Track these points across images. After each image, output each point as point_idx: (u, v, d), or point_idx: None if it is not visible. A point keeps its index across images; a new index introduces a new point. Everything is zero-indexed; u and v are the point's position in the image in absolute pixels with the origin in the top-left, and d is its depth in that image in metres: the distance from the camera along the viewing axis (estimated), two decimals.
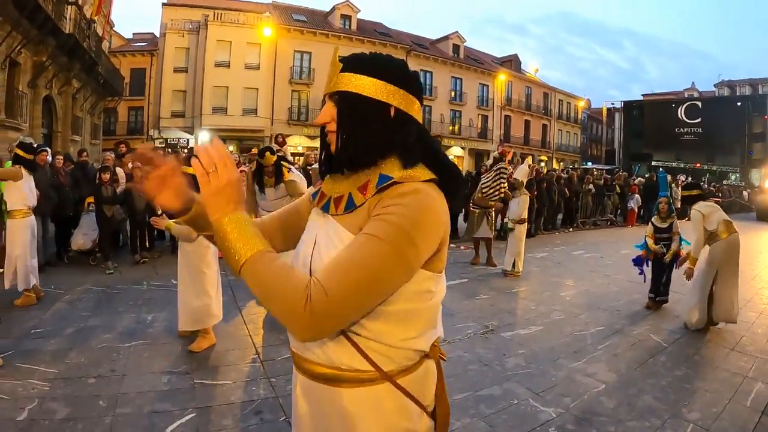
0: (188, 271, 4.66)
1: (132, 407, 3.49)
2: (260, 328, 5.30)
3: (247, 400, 3.58)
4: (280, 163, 5.90)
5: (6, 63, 14.12)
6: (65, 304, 6.11)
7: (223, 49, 32.13)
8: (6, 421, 3.32)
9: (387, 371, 1.16)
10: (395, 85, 1.17)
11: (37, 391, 3.77)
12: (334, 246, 1.14)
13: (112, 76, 25.82)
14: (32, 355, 4.42)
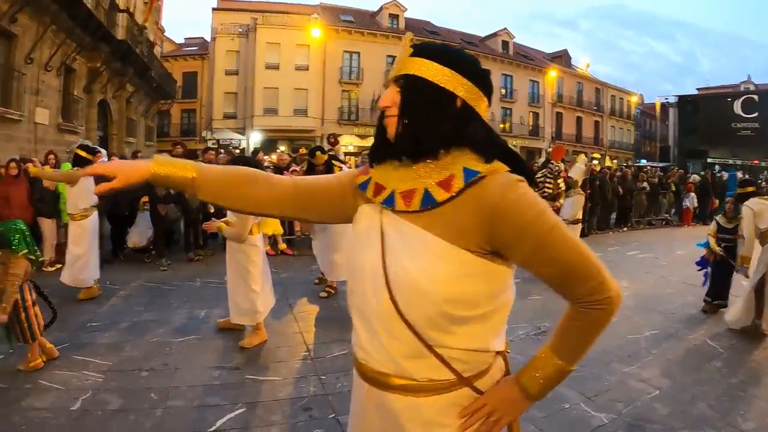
0: (235, 270, 4.79)
1: (183, 400, 3.60)
2: (311, 326, 5.37)
3: (296, 396, 3.63)
4: (331, 162, 6.01)
5: (62, 69, 14.94)
6: (120, 300, 6.37)
7: (273, 51, 33.15)
8: (60, 410, 3.47)
9: (467, 377, 1.16)
10: (465, 77, 1.15)
11: (91, 382, 3.93)
12: (420, 253, 1.10)
13: (164, 80, 27.03)
14: (87, 348, 4.62)
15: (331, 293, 6.43)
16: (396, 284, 1.11)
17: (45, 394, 3.71)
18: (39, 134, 13.59)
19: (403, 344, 1.14)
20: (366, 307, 1.19)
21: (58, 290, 5.65)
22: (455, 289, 1.08)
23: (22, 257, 3.96)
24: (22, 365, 4.07)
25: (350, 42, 34.94)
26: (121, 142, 20.32)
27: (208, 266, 8.23)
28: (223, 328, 5.18)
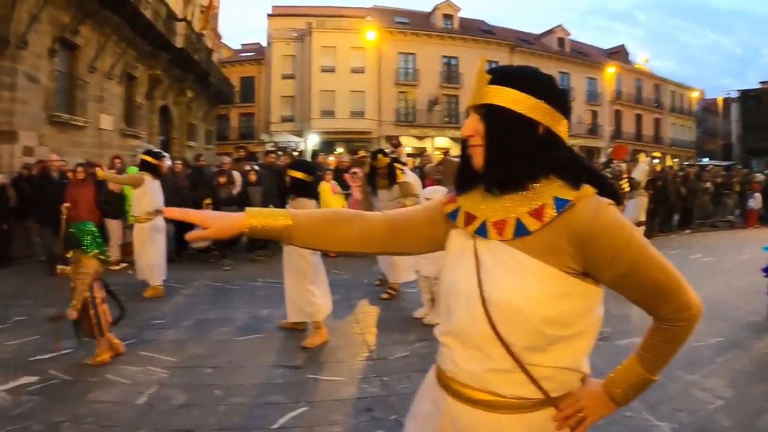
0: (291, 269, 4.87)
1: (246, 397, 3.66)
2: (372, 327, 5.36)
3: (358, 396, 3.64)
4: (392, 165, 6.06)
5: (124, 77, 15.80)
6: (184, 298, 6.60)
7: (328, 54, 34.00)
8: (126, 403, 3.60)
9: (554, 397, 1.18)
10: (545, 102, 1.15)
11: (157, 377, 4.06)
12: (514, 273, 1.13)
13: (223, 85, 28.16)
14: (152, 344, 4.79)
15: (393, 295, 6.41)
16: (493, 305, 1.14)
17: (111, 388, 3.86)
18: (103, 139, 14.41)
19: (496, 362, 1.16)
20: (460, 325, 1.21)
21: (125, 288, 5.88)
22: (552, 309, 1.11)
23: (93, 257, 4.18)
24: (89, 359, 4.25)
25: (405, 43, 35.41)
26: (182, 146, 21.31)
27: (270, 267, 8.37)
28: (285, 328, 5.25)
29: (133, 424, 3.30)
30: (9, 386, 3.86)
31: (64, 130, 12.38)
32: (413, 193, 5.90)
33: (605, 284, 1.17)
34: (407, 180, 6.09)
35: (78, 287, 4.09)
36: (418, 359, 4.30)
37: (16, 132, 10.44)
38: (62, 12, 11.89)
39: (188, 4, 23.05)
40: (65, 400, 3.64)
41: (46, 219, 8.02)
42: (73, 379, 3.99)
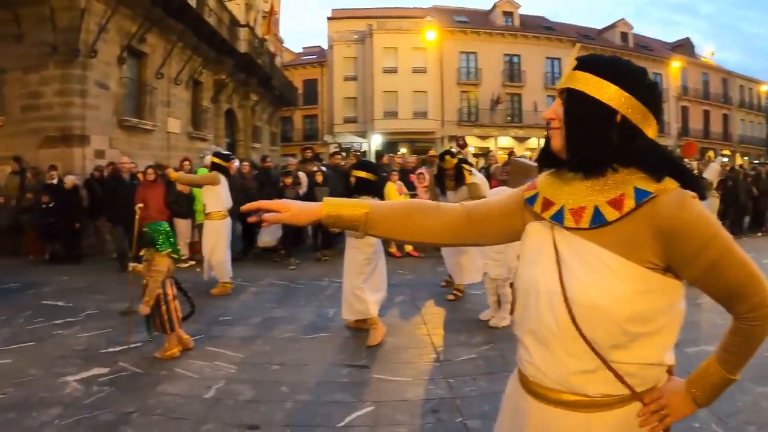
0: (349, 265, 4.93)
1: (312, 395, 3.72)
2: (439, 328, 5.32)
3: (424, 398, 3.64)
4: (460, 166, 6.09)
5: (190, 82, 16.57)
6: (251, 296, 6.77)
7: (390, 55, 34.37)
8: (194, 397, 3.71)
9: (639, 392, 1.19)
10: (628, 92, 1.16)
11: (224, 372, 4.17)
12: (597, 270, 1.14)
13: (286, 88, 28.98)
14: (220, 340, 4.93)
15: (459, 296, 6.37)
16: (575, 303, 1.15)
17: (180, 381, 3.99)
18: (171, 142, 15.12)
19: (580, 361, 1.16)
20: (540, 324, 1.22)
21: (193, 286, 6.03)
22: (635, 306, 1.11)
23: (166, 256, 4.37)
24: (158, 353, 4.44)
25: (466, 42, 35.32)
26: (247, 148, 22.08)
27: (335, 266, 8.39)
28: (350, 327, 5.28)
29: (201, 418, 3.39)
30: (81, 376, 4.06)
31: (133, 133, 13.06)
32: (481, 195, 5.86)
33: (687, 280, 1.16)
34: (475, 181, 6.09)
35: (151, 284, 4.27)
36: (484, 362, 4.25)
37: (87, 136, 11.09)
38: (129, 21, 12.56)
39: (250, 10, 23.91)
40: (135, 392, 3.79)
41: (118, 218, 8.43)
42: (143, 372, 4.17)
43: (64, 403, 3.60)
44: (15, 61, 10.97)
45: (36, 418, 3.37)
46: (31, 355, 4.56)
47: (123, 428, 3.23)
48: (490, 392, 3.60)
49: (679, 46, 44.95)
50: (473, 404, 3.48)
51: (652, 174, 1.15)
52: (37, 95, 10.90)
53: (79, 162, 10.77)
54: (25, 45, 10.87)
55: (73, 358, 4.49)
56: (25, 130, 10.93)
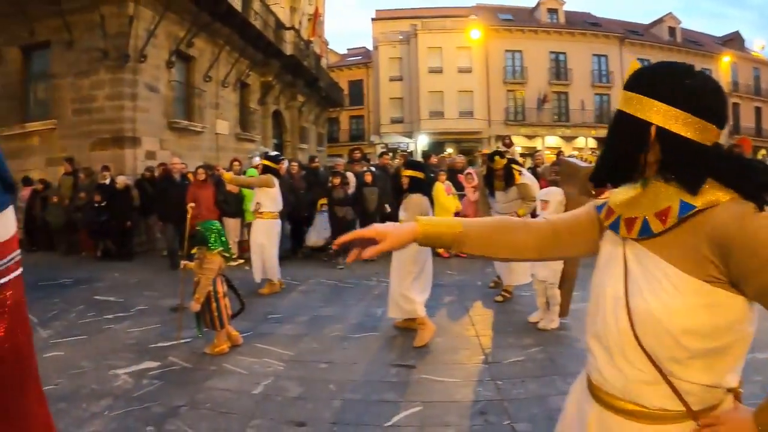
0: (398, 266, 4.93)
1: (360, 394, 3.75)
2: (487, 330, 5.27)
3: (472, 399, 3.62)
4: (510, 166, 6.08)
5: (237, 85, 17.02)
6: (300, 294, 6.84)
7: (435, 55, 34.44)
8: (242, 392, 3.78)
9: (696, 410, 1.16)
10: (667, 103, 1.15)
11: (272, 369, 4.22)
12: (657, 280, 1.15)
13: (332, 89, 29.42)
14: (269, 338, 5.00)
15: (507, 297, 6.30)
16: (635, 311, 1.16)
17: (229, 377, 4.06)
18: (220, 143, 15.59)
19: (639, 371, 1.18)
20: (605, 331, 1.24)
21: (242, 283, 6.11)
22: (693, 320, 1.10)
23: (217, 254, 4.50)
24: (208, 349, 4.54)
25: (511, 41, 34.98)
26: (294, 149, 22.56)
27: (383, 266, 8.34)
28: (399, 327, 5.27)
29: (249, 413, 3.43)
30: (131, 369, 4.19)
31: (182, 135, 13.52)
32: (531, 195, 5.86)
33: (748, 296, 1.10)
34: (525, 182, 6.06)
35: (202, 282, 4.38)
36: (533, 365, 4.18)
37: (138, 138, 11.56)
38: (177, 26, 13.00)
39: (295, 12, 24.35)
40: (184, 386, 3.87)
41: (168, 217, 8.72)
42: (193, 367, 4.27)
43: (114, 394, 3.71)
44: (67, 67, 11.56)
45: (86, 409, 3.47)
46: (84, 348, 4.73)
47: (172, 421, 3.31)
48: (538, 395, 3.57)
49: (729, 40, 43.11)
50: (521, 407, 3.43)
51: (685, 187, 1.14)
52: (89, 99, 11.40)
53: (130, 163, 11.20)
54: (76, 51, 11.46)
55: (124, 351, 4.63)
56: (78, 132, 11.48)
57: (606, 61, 35.01)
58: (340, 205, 8.80)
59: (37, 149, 11.82)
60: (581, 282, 5.34)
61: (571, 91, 34.82)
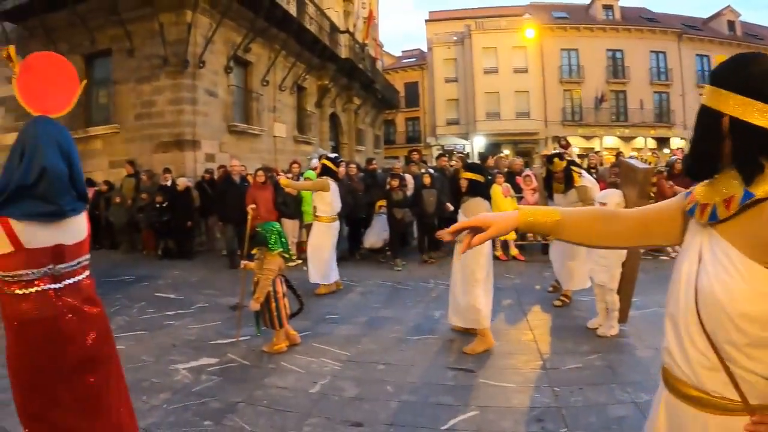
0: (461, 272, 4.84)
1: (417, 396, 3.74)
2: (545, 335, 5.16)
3: (529, 405, 3.59)
4: (570, 168, 6.01)
5: (294, 88, 17.36)
6: (358, 296, 6.86)
7: (490, 55, 34.25)
8: (299, 391, 3.83)
9: (752, 404, 1.17)
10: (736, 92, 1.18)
11: (330, 369, 4.25)
12: (721, 263, 1.18)
13: (387, 91, 29.66)
14: (327, 338, 5.04)
15: (566, 302, 6.15)
16: (701, 293, 1.21)
17: (286, 375, 4.11)
18: (278, 146, 15.95)
19: (701, 354, 1.21)
20: (676, 311, 1.29)
21: (300, 284, 6.14)
22: (751, 306, 1.12)
23: (277, 255, 4.60)
24: (266, 347, 4.63)
25: (566, 39, 34.23)
26: (351, 151, 22.85)
27: (441, 268, 8.38)
28: (457, 330, 5.19)
29: (306, 411, 3.46)
30: (190, 365, 4.31)
31: (241, 138, 13.88)
32: (590, 198, 5.73)
33: None
34: (585, 184, 5.95)
35: (262, 282, 4.47)
36: (591, 372, 4.06)
37: (198, 141, 11.95)
38: (234, 33, 13.37)
39: (349, 16, 24.65)
40: (242, 383, 3.94)
41: (228, 218, 8.92)
42: (251, 364, 4.36)
43: (173, 389, 3.82)
44: (128, 74, 12.10)
45: (146, 401, 3.59)
46: (144, 343, 4.89)
47: (229, 417, 3.37)
48: (596, 404, 3.48)
49: None
50: (579, 415, 3.34)
51: (741, 176, 1.19)
52: (150, 104, 11.87)
53: (190, 165, 11.57)
54: (137, 58, 11.97)
55: (184, 347, 4.76)
56: (140, 136, 11.98)
57: (664, 58, 33.69)
58: (399, 207, 8.80)
59: (100, 152, 12.38)
60: (642, 289, 5.20)
61: (629, 90, 33.71)
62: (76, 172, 2.16)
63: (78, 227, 2.20)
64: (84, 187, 2.23)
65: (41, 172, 2.00)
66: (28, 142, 2.05)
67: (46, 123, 2.14)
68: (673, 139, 32.69)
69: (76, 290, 2.18)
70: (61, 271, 2.11)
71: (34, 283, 2.04)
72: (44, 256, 2.05)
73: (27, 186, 1.98)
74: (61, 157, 2.11)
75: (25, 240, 2.00)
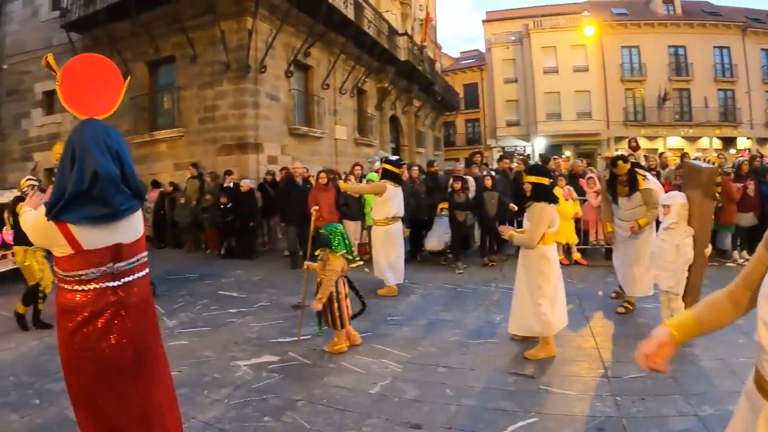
0: (525, 278, 4.74)
1: (477, 400, 3.70)
2: (608, 342, 5.00)
3: (590, 414, 3.49)
4: (634, 171, 5.84)
5: (354, 91, 17.59)
6: (419, 298, 6.80)
7: (549, 55, 33.79)
8: (359, 391, 3.84)
9: None
10: None
11: (390, 370, 4.23)
12: None
13: (447, 93, 29.63)
14: (387, 339, 5.03)
15: (630, 309, 5.94)
16: None
17: (346, 375, 4.12)
18: (339, 148, 16.20)
19: None
20: None
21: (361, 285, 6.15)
22: None
23: (341, 256, 4.66)
24: (327, 347, 4.67)
25: (627, 36, 33.28)
26: (412, 153, 22.97)
27: (502, 272, 8.29)
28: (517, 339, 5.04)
29: (365, 412, 3.46)
30: (252, 362, 4.40)
31: (303, 140, 14.19)
32: (654, 202, 5.52)
33: None
34: (649, 187, 5.73)
35: (325, 283, 4.53)
36: (654, 382, 3.85)
37: (261, 144, 12.31)
38: (293, 38, 13.70)
39: (406, 19, 24.75)
40: (302, 381, 3.99)
41: (291, 219, 9.07)
42: (311, 363, 4.41)
43: (235, 384, 3.90)
44: (191, 80, 12.62)
45: (207, 395, 3.69)
46: (207, 339, 5.03)
47: (289, 414, 3.41)
48: (658, 415, 3.35)
49: None
50: (640, 426, 3.21)
51: None
52: (213, 108, 12.30)
53: (253, 167, 11.90)
54: (200, 65, 12.47)
55: (246, 344, 4.87)
56: (203, 139, 12.46)
57: (728, 54, 32.06)
58: (461, 209, 8.72)
59: (165, 155, 12.91)
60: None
61: (693, 88, 32.24)
62: (128, 171, 2.19)
63: (134, 225, 2.24)
64: (138, 184, 2.27)
65: (93, 177, 2.03)
66: (78, 148, 2.08)
67: (93, 125, 2.17)
68: (739, 138, 31.17)
69: (134, 287, 2.23)
70: (121, 269, 2.16)
71: (94, 281, 2.09)
72: (103, 255, 2.11)
73: (82, 191, 2.02)
74: (111, 158, 2.13)
75: (84, 242, 2.06)
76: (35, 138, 15.21)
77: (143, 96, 13.17)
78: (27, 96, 15.29)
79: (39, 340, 5.13)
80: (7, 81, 15.66)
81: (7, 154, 15.79)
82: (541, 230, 4.42)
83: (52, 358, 4.62)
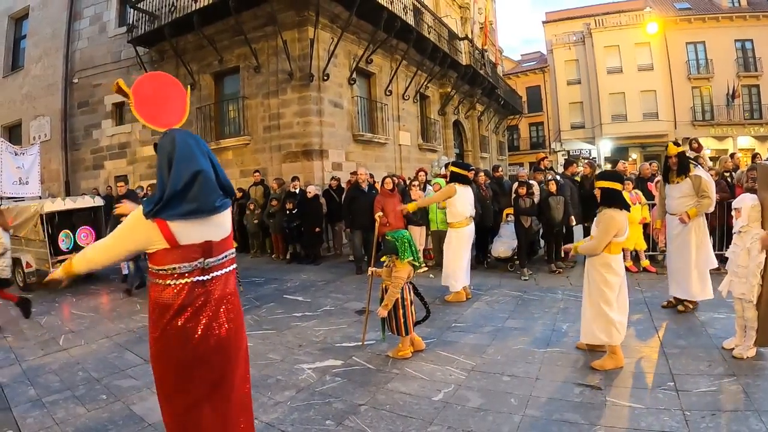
0: (590, 288, 4.63)
1: (542, 411, 3.63)
2: (678, 354, 4.75)
3: (657, 429, 3.35)
4: (684, 153, 5.87)
5: (417, 97, 17.61)
6: (484, 304, 6.69)
7: (612, 54, 32.92)
8: (423, 398, 3.82)
9: None
10: None
11: (454, 377, 4.18)
12: None
13: (510, 96, 29.25)
14: (452, 346, 4.96)
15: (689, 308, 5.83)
16: None
17: (410, 381, 4.10)
18: (403, 154, 16.28)
19: None
20: None
21: (426, 290, 6.20)
22: None
23: (407, 263, 4.66)
24: (391, 353, 4.68)
25: (692, 32, 31.70)
26: (475, 158, 22.89)
27: (569, 279, 8.08)
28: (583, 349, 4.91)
29: (428, 419, 3.42)
30: (316, 366, 4.44)
31: (367, 146, 14.33)
32: (704, 189, 5.50)
33: None
34: (699, 174, 5.59)
35: (391, 289, 4.56)
36: (725, 396, 3.69)
37: (326, 150, 12.51)
38: (355, 45, 13.89)
39: (466, 23, 24.54)
40: (366, 386, 3.99)
41: (356, 224, 9.12)
42: (375, 368, 4.41)
43: (298, 387, 3.95)
44: (256, 89, 12.99)
45: (271, 397, 3.76)
46: (271, 342, 5.13)
47: (351, 418, 3.43)
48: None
49: None
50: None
51: None
52: (278, 116, 12.59)
53: (318, 173, 12.12)
54: (264, 74, 12.82)
55: (310, 348, 4.93)
56: (268, 146, 12.79)
57: None
58: (526, 215, 8.59)
59: (231, 162, 13.27)
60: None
61: (762, 84, 30.31)
62: (219, 170, 2.35)
63: (224, 223, 2.39)
64: (229, 183, 2.42)
65: (194, 176, 2.19)
66: (175, 152, 2.21)
67: (180, 133, 2.30)
68: None
69: (222, 282, 2.37)
70: (210, 264, 2.31)
71: (186, 275, 2.25)
72: (195, 251, 2.26)
73: (179, 191, 2.16)
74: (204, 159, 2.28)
75: (179, 237, 2.22)
76: (106, 147, 16.15)
77: (210, 105, 13.68)
78: (98, 108, 16.18)
79: (108, 338, 5.36)
80: (78, 94, 16.60)
81: (80, 163, 16.81)
82: (607, 238, 4.29)
83: (120, 355, 4.90)
